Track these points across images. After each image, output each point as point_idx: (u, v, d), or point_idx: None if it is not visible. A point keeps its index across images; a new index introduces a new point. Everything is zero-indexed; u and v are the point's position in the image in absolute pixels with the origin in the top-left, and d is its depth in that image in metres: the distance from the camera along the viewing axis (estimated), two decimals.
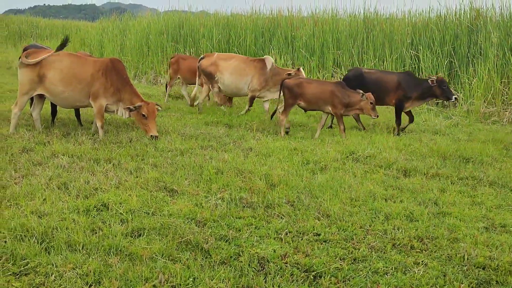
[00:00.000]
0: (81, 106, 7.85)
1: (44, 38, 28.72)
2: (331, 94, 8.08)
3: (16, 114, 7.56)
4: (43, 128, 7.77)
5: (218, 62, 9.77)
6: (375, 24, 14.36)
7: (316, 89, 8.20)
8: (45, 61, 7.35)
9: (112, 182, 5.40)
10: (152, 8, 28.32)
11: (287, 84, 8.32)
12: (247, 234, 4.31)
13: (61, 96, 7.45)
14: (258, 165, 6.27)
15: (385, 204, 5.14)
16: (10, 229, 4.04)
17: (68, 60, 7.49)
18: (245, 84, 9.68)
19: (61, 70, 7.36)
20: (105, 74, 7.46)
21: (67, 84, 7.37)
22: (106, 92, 7.48)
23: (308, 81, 8.39)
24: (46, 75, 7.33)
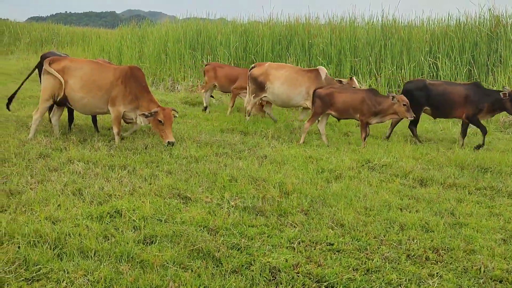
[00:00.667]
0: (100, 112, 7.89)
1: (65, 45, 29.13)
2: (362, 102, 8.02)
3: (36, 120, 7.65)
4: (60, 134, 7.84)
5: (269, 71, 9.54)
6: (393, 32, 14.29)
7: (347, 97, 8.15)
8: (67, 68, 7.47)
9: (126, 188, 5.42)
10: (172, 15, 28.62)
11: (318, 93, 8.28)
12: (259, 242, 4.28)
13: (81, 103, 7.53)
14: (272, 173, 6.24)
15: (400, 214, 5.07)
16: (24, 235, 4.06)
17: (88, 67, 7.58)
18: (297, 94, 9.30)
19: (82, 77, 7.45)
20: (124, 81, 7.50)
21: (87, 90, 7.45)
22: (124, 99, 7.52)
23: (339, 90, 8.32)
24: (67, 81, 7.43)
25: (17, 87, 9.30)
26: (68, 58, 7.95)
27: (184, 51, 16.63)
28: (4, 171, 5.78)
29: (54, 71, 7.42)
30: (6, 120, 8.89)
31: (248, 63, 15.27)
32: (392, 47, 13.71)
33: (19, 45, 29.40)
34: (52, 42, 30.68)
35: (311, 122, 8.34)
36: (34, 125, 7.66)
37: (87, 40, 28.62)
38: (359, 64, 13.82)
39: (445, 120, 10.99)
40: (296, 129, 9.46)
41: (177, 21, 20.44)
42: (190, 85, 15.46)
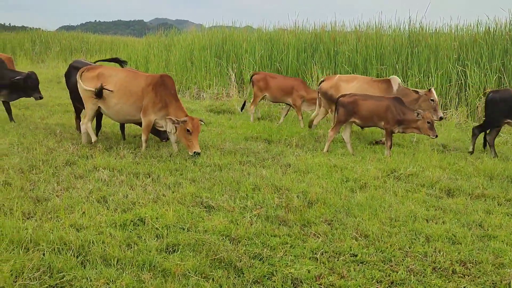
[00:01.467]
0: (132, 120, 7.95)
1: (93, 53, 29.66)
2: (386, 110, 7.93)
3: (87, 123, 7.87)
4: (87, 142, 7.95)
5: (339, 84, 9.36)
6: (420, 39, 14.09)
7: (371, 105, 8.07)
8: (102, 75, 7.66)
9: (150, 196, 5.45)
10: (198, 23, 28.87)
11: (341, 101, 8.20)
12: (281, 253, 4.24)
13: (115, 109, 7.67)
14: (296, 182, 6.20)
15: (426, 225, 4.97)
16: (49, 242, 4.12)
17: (122, 74, 7.76)
18: None
19: (116, 83, 7.61)
20: (155, 89, 7.57)
21: (120, 96, 7.59)
22: (154, 107, 7.57)
23: (363, 98, 8.23)
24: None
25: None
26: (102, 66, 8.17)
27: (209, 59, 16.73)
28: (32, 178, 5.89)
29: (86, 86, 7.69)
30: (35, 127, 9.07)
31: (273, 71, 15.26)
32: (419, 55, 13.53)
33: (49, 53, 30.07)
34: (81, 50, 31.28)
35: (335, 130, 8.27)
36: (90, 132, 7.90)
37: (115, 48, 29.14)
38: (385, 71, 13.67)
39: None
40: (321, 137, 9.39)
41: (203, 29, 20.61)
42: (215, 93, 15.53)
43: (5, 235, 4.18)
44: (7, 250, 3.96)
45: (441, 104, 12.75)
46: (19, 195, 5.23)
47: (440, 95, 12.80)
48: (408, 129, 7.95)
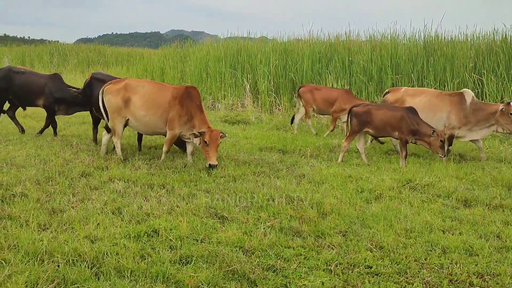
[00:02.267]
0: (160, 132, 7.94)
1: (110, 65, 30.01)
2: (400, 120, 7.89)
3: (117, 143, 7.90)
4: (105, 154, 8.04)
5: (405, 98, 9.04)
6: (436, 48, 14.00)
7: (385, 115, 8.02)
8: (129, 86, 7.71)
9: (164, 207, 5.47)
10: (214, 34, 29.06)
11: (355, 112, 8.16)
12: (295, 264, 4.21)
13: (143, 120, 7.68)
14: (310, 193, 6.17)
15: (442, 236, 4.90)
16: (64, 253, 4.14)
17: (149, 86, 7.80)
18: (438, 121, 8.57)
19: (143, 95, 7.64)
20: (181, 102, 7.58)
21: (148, 108, 7.61)
22: (180, 120, 7.58)
23: (377, 108, 8.20)
24: (131, 99, 7.65)
25: None
26: (127, 78, 8.22)
27: (224, 70, 16.81)
28: (48, 190, 5.94)
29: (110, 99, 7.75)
30: (52, 139, 9.18)
31: (288, 82, 15.29)
32: (435, 64, 13.43)
33: (67, 66, 30.49)
34: (99, 62, 31.69)
35: (349, 140, 8.23)
36: (118, 148, 7.94)
37: (132, 60, 29.44)
38: (401, 81, 13.60)
39: (491, 138, 10.64)
40: (336, 148, 9.35)
41: (218, 41, 20.73)
42: (230, 103, 15.59)
43: (21, 246, 4.22)
44: (22, 262, 3.99)
45: None
46: (35, 206, 5.29)
47: None
48: (419, 140, 7.90)
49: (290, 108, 14.51)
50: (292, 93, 15.18)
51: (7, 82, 9.74)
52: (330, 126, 11.14)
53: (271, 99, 15.08)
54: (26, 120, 11.40)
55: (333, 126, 10.96)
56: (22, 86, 9.73)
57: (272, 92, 15.24)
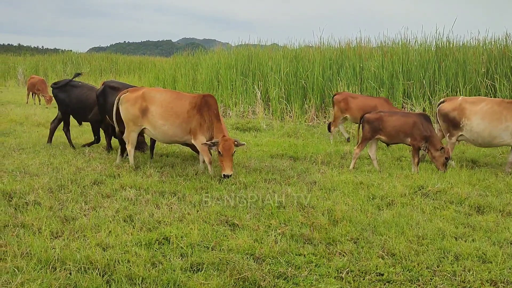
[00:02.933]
0: (179, 141, 7.93)
1: (122, 73, 30.28)
2: (413, 126, 7.86)
3: (130, 151, 7.89)
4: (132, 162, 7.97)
5: (464, 106, 8.56)
6: (448, 53, 13.94)
7: (397, 121, 7.98)
8: (147, 95, 7.68)
9: (175, 215, 5.48)
10: (225, 42, 29.18)
11: (367, 118, 8.13)
12: (306, 272, 4.20)
13: (162, 129, 7.64)
14: (321, 200, 6.15)
15: (455, 243, 4.85)
16: (76, 261, 4.17)
17: (167, 95, 7.76)
18: (503, 131, 8.08)
19: (161, 104, 7.62)
20: (200, 110, 7.52)
21: (166, 117, 7.58)
22: (201, 128, 7.51)
23: (389, 115, 8.15)
24: (149, 108, 7.63)
25: None
26: (144, 87, 8.17)
27: (235, 77, 16.87)
28: (61, 197, 5.99)
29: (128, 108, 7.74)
30: (65, 147, 9.26)
31: (299, 88, 15.30)
32: (446, 69, 13.37)
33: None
34: (111, 71, 32.00)
35: (361, 147, 8.19)
36: (131, 157, 7.92)
37: (144, 68, 29.68)
38: (412, 87, 13.55)
39: None
40: (347, 154, 9.33)
41: (229, 48, 20.83)
42: (241, 111, 15.64)
43: (34, 254, 4.26)
44: (35, 269, 4.02)
45: None
46: (48, 214, 5.33)
47: None
48: (425, 149, 7.86)
49: (301, 115, 14.51)
50: (303, 100, 15.18)
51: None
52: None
53: (282, 106, 15.10)
54: (39, 128, 11.51)
55: None
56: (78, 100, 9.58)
57: (283, 99, 15.26)
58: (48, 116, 13.48)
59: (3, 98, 19.32)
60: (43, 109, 15.96)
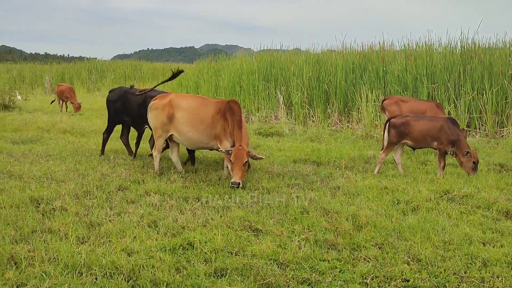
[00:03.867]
0: (205, 147, 7.95)
1: (146, 80, 30.59)
2: (440, 130, 7.75)
3: (156, 157, 7.96)
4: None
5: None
6: (473, 56, 13.73)
7: (424, 126, 7.88)
8: (174, 102, 7.75)
9: (199, 220, 5.50)
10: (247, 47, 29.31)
11: (393, 123, 8.04)
12: (330, 278, 4.17)
13: (187, 136, 7.69)
14: (345, 205, 6.11)
15: (482, 249, 4.76)
16: (101, 266, 4.22)
17: (193, 101, 7.81)
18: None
19: (187, 110, 7.67)
20: (224, 115, 7.52)
21: (192, 124, 7.62)
22: (225, 133, 7.50)
23: (415, 119, 8.05)
24: (175, 115, 7.70)
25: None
26: (172, 93, 8.21)
27: (258, 82, 16.90)
28: (86, 203, 6.07)
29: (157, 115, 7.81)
30: (90, 154, 9.39)
31: (321, 93, 15.25)
32: (472, 72, 13.17)
33: (105, 82, 31.26)
34: (135, 78, 32.37)
35: (386, 152, 8.10)
36: (156, 163, 7.99)
37: (167, 74, 29.89)
38: (437, 90, 13.38)
39: None
40: (371, 159, 9.25)
41: (251, 54, 20.89)
42: (263, 116, 15.66)
43: (60, 259, 4.32)
44: (62, 274, 4.08)
45: (498, 122, 12.33)
46: (74, 220, 5.40)
47: (496, 112, 12.39)
48: (453, 153, 7.73)
49: (324, 119, 14.45)
50: (325, 105, 15.12)
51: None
52: None
53: (304, 110, 15.07)
54: (65, 135, 11.70)
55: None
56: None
57: (306, 103, 15.22)
58: (74, 123, 13.70)
59: (31, 105, 19.70)
60: (70, 116, 16.22)
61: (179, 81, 22.50)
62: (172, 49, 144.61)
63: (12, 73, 34.48)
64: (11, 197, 6.15)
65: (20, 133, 11.76)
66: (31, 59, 51.44)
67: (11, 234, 4.92)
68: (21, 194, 6.29)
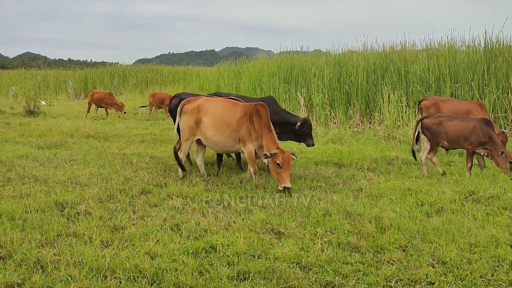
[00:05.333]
0: (231, 151, 7.96)
1: (167, 84, 30.85)
2: (472, 130, 7.62)
3: (182, 158, 7.97)
4: (208, 176, 7.99)
5: None
6: (497, 54, 13.49)
7: (457, 126, 7.75)
8: (202, 107, 7.75)
9: (221, 223, 5.51)
10: (267, 50, 29.33)
11: (426, 124, 7.94)
12: (354, 281, 4.13)
13: (212, 140, 7.69)
14: (368, 207, 6.06)
15: (510, 251, 4.67)
16: (125, 270, 4.25)
17: (220, 105, 7.78)
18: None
19: (213, 115, 7.66)
20: (250, 119, 7.46)
21: (217, 128, 7.61)
22: (251, 136, 7.45)
23: (449, 119, 7.93)
24: (202, 120, 7.71)
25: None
26: (201, 97, 8.17)
27: (278, 84, 16.90)
28: (110, 207, 6.14)
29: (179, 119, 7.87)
30: (113, 158, 9.49)
31: (343, 94, 15.17)
32: (496, 71, 12.95)
33: (127, 86, 31.61)
34: (156, 82, 32.67)
35: (432, 153, 7.94)
36: (181, 164, 7.90)
37: (188, 78, 30.15)
38: (460, 89, 13.19)
39: None
40: (393, 160, 9.16)
41: (271, 56, 20.89)
42: None
43: (85, 263, 4.37)
44: (87, 278, 4.13)
45: None
46: (98, 224, 5.46)
47: None
48: (489, 155, 7.58)
49: (346, 121, 14.36)
50: (347, 106, 15.03)
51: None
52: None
53: (325, 112, 14.99)
54: (88, 140, 11.86)
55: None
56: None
57: (327, 105, 15.14)
58: (97, 128, 13.89)
59: (55, 111, 20.04)
60: (93, 121, 16.43)
61: (200, 85, 22.65)
62: (192, 52, 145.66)
63: (37, 79, 35.14)
64: (37, 201, 6.25)
65: (45, 138, 11.96)
66: (55, 65, 52.29)
67: (37, 238, 4.99)
68: (46, 198, 6.38)
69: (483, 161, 7.92)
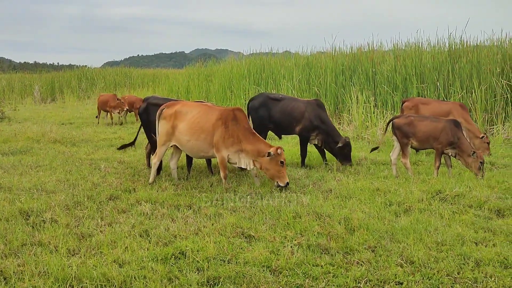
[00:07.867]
0: (206, 156, 7.81)
1: (136, 87, 30.49)
2: (442, 131, 7.71)
3: (155, 164, 7.84)
4: (179, 180, 7.94)
5: None
6: (461, 55, 13.81)
7: (428, 126, 7.83)
8: (179, 113, 7.64)
9: (191, 228, 5.46)
10: (237, 51, 29.31)
11: (397, 124, 8.01)
12: (324, 283, 4.15)
13: (188, 145, 7.59)
14: (337, 208, 6.09)
15: (475, 249, 4.76)
16: (92, 279, 4.17)
17: (196, 110, 7.65)
18: None
19: (188, 121, 7.54)
20: (225, 123, 7.37)
21: (191, 133, 7.50)
22: (225, 142, 7.36)
23: (419, 119, 8.01)
24: (177, 126, 7.59)
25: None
26: (180, 102, 8.04)
27: (248, 86, 16.90)
28: (77, 214, 6.01)
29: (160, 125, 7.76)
30: (81, 163, 9.32)
31: (311, 95, 15.26)
32: (460, 71, 13.24)
33: (95, 89, 31.13)
34: (125, 85, 32.26)
35: (405, 156, 7.98)
36: (153, 170, 7.84)
37: (157, 81, 29.89)
38: (426, 89, 13.43)
39: None
40: (362, 160, 9.25)
41: (241, 58, 20.89)
42: None
43: (51, 273, 4.27)
44: None
45: (487, 119, 12.38)
46: (65, 232, 5.34)
47: (486, 110, 12.44)
48: (455, 155, 7.71)
49: None
50: None
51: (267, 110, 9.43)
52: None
53: None
54: (55, 145, 11.62)
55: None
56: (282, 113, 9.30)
57: None
58: (64, 132, 13.61)
59: (21, 115, 19.58)
60: (59, 126, 16.11)
61: (169, 87, 22.46)
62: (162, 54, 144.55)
63: (1, 83, 34.25)
64: (0, 210, 6.07)
65: (10, 144, 11.65)
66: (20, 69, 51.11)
67: (1, 248, 4.86)
68: (10, 206, 6.22)
69: (449, 161, 8.06)
